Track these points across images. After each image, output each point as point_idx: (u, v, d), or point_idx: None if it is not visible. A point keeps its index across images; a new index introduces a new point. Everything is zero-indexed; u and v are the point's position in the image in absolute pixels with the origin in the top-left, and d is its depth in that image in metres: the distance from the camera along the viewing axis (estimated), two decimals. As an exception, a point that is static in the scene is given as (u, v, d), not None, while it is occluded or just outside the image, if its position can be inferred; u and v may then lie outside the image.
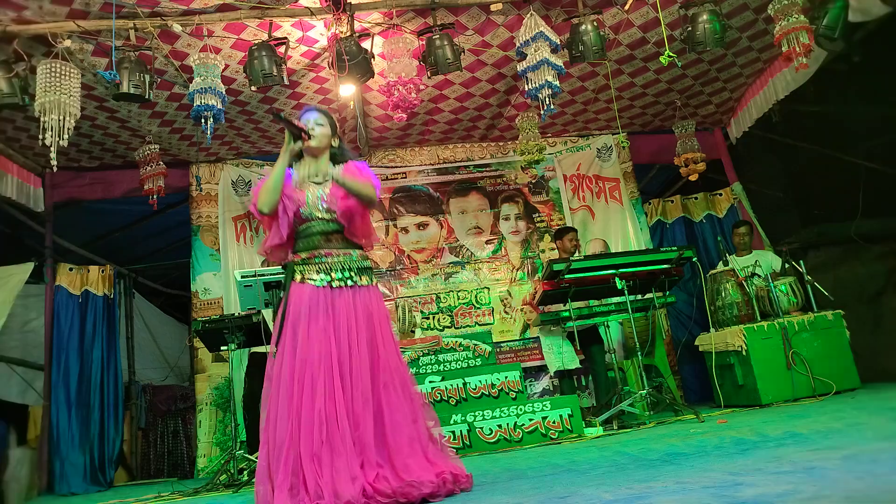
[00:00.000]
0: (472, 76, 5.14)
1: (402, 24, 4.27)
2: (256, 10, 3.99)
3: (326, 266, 2.39)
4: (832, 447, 2.02)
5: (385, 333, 2.42)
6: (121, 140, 5.31)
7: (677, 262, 4.49)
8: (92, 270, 5.63)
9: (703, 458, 2.21)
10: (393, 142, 6.21)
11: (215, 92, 3.89)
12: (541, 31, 4.00)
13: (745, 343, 4.35)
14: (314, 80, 4.90)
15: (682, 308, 5.95)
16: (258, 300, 4.03)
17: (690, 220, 6.49)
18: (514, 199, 6.36)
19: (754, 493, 1.47)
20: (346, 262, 2.41)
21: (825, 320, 4.41)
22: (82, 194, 5.75)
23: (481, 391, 4.37)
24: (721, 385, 4.63)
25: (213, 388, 5.45)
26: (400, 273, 6.05)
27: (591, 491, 1.83)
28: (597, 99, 5.78)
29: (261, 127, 5.49)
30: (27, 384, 6.42)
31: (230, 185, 5.97)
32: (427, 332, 5.74)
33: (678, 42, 4.38)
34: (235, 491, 3.43)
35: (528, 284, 6.04)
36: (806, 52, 3.83)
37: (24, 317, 6.09)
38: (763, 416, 3.57)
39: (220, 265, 5.73)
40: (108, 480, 5.19)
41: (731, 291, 4.76)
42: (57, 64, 3.68)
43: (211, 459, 5.25)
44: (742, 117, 6.07)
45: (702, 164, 5.77)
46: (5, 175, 5.04)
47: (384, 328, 2.42)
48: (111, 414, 5.39)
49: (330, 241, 2.43)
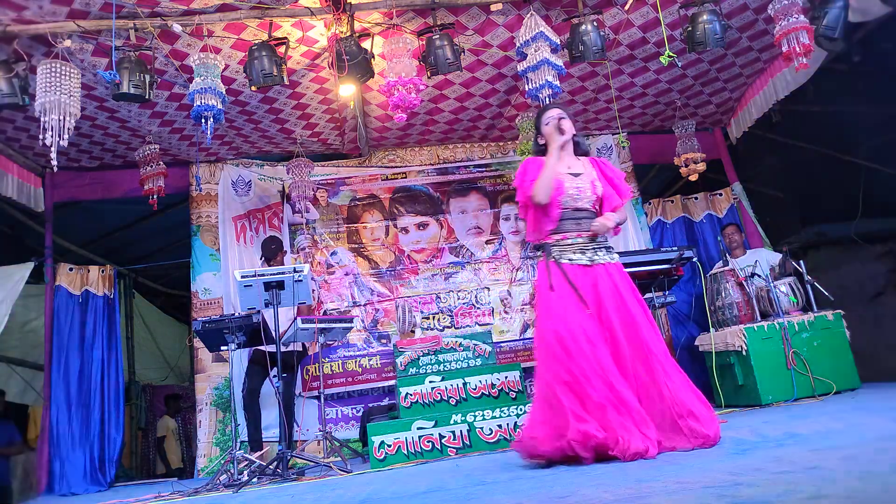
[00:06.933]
0: (472, 76, 5.14)
1: (402, 24, 4.27)
2: (256, 10, 3.99)
3: (583, 247, 2.88)
4: (832, 447, 2.02)
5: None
6: (121, 140, 5.31)
7: (677, 262, 4.49)
8: (92, 270, 5.63)
9: (703, 458, 2.21)
10: (393, 142, 6.21)
11: (215, 92, 3.89)
12: (541, 31, 4.00)
13: (745, 343, 4.35)
14: (314, 80, 4.90)
15: (682, 308, 5.95)
16: (258, 300, 4.03)
17: (690, 220, 6.48)
18: (515, 199, 6.35)
19: (754, 493, 1.47)
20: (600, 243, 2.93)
21: (825, 320, 4.41)
22: (82, 194, 5.75)
23: (481, 391, 4.37)
24: (721, 385, 4.63)
25: (213, 388, 5.45)
26: (400, 273, 6.05)
27: (591, 491, 1.83)
28: (597, 99, 5.78)
29: (261, 127, 5.49)
30: (27, 384, 6.43)
31: (230, 185, 5.97)
32: (427, 332, 5.74)
33: (678, 42, 4.38)
34: (235, 491, 3.42)
35: (527, 284, 6.04)
36: (806, 52, 3.83)
37: (24, 317, 6.10)
38: (763, 416, 3.57)
39: (220, 265, 5.73)
40: (108, 480, 5.19)
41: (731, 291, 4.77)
42: (57, 64, 3.67)
43: (211, 459, 5.26)
44: (742, 117, 6.07)
45: (702, 164, 5.76)
46: (5, 175, 5.04)
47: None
48: (111, 414, 5.38)
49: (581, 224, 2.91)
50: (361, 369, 5.74)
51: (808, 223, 6.29)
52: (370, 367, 5.75)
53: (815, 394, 4.18)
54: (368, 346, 5.81)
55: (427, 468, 3.42)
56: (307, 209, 5.90)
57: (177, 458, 8.04)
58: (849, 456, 1.82)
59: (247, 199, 6.00)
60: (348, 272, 5.99)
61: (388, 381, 5.63)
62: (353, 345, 5.79)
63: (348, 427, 5.57)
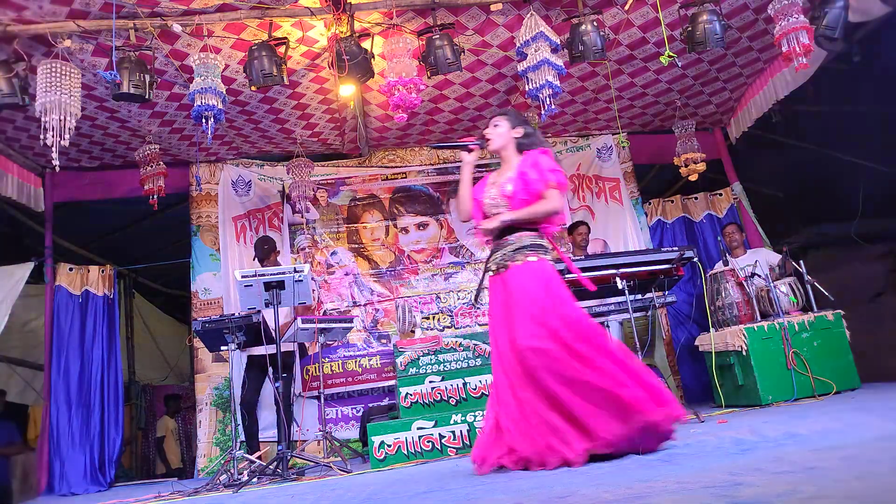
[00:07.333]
0: (472, 76, 5.14)
1: (402, 24, 4.27)
2: (256, 10, 3.99)
3: (494, 256, 2.81)
4: (832, 447, 2.02)
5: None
6: (121, 140, 5.31)
7: (677, 262, 4.48)
8: (92, 270, 5.63)
9: (702, 458, 2.21)
10: (393, 142, 6.21)
11: (215, 92, 3.89)
12: (541, 31, 4.00)
13: (745, 343, 4.35)
14: (314, 80, 4.90)
15: (682, 308, 5.95)
16: (258, 300, 4.03)
17: (690, 220, 6.49)
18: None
19: (754, 493, 1.47)
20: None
21: (825, 320, 4.41)
22: (82, 194, 5.75)
23: (481, 391, 4.37)
24: (721, 385, 4.63)
25: (213, 388, 5.46)
26: (400, 273, 6.05)
27: (591, 491, 1.83)
28: (597, 99, 5.78)
29: (261, 127, 5.49)
30: (27, 384, 6.43)
31: (230, 185, 5.97)
32: (427, 332, 5.74)
33: (678, 42, 4.38)
34: (235, 491, 3.42)
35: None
36: (806, 52, 3.83)
37: (24, 317, 6.10)
38: (763, 416, 3.57)
39: (220, 265, 5.73)
40: (108, 480, 5.19)
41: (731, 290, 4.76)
42: (57, 64, 3.68)
43: (211, 459, 5.26)
44: (742, 117, 6.07)
45: (702, 164, 5.76)
46: (5, 175, 5.04)
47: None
48: (111, 414, 5.38)
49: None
50: (361, 369, 5.74)
51: (808, 223, 6.28)
52: (370, 367, 5.75)
53: (815, 394, 4.18)
54: (368, 346, 5.81)
55: (427, 468, 3.42)
56: (307, 209, 5.91)
57: (177, 458, 8.04)
58: (849, 456, 1.82)
59: (247, 199, 5.99)
60: (348, 272, 5.99)
61: (388, 381, 5.63)
62: (353, 345, 5.79)
63: (348, 427, 5.57)
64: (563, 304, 2.60)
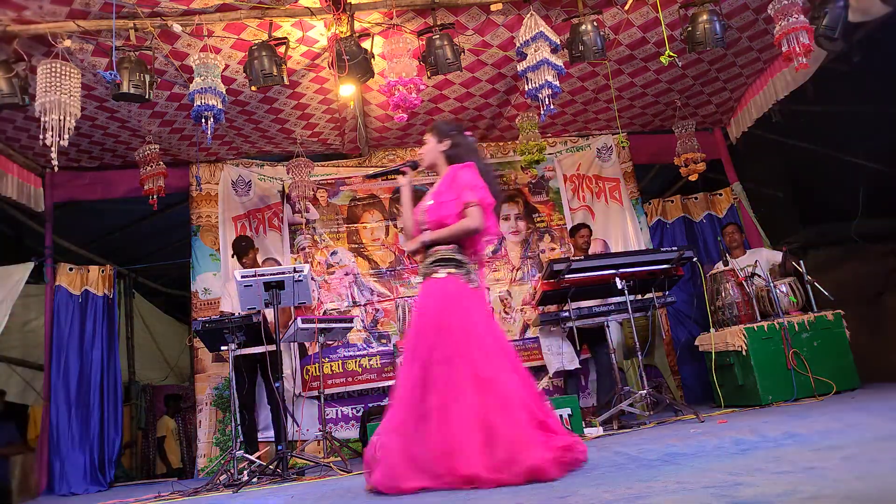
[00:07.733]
0: (472, 76, 5.14)
1: (402, 24, 4.27)
2: (256, 10, 3.99)
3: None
4: (832, 447, 2.02)
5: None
6: (121, 140, 5.31)
7: (677, 262, 4.49)
8: (92, 270, 5.63)
9: (702, 458, 2.21)
10: (393, 142, 6.21)
11: (215, 92, 3.89)
12: (541, 31, 4.00)
13: (745, 343, 4.35)
14: (314, 80, 4.90)
15: (682, 308, 5.95)
16: (258, 300, 4.03)
17: (690, 220, 6.49)
18: (514, 198, 6.36)
19: (754, 493, 1.47)
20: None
21: (825, 320, 4.41)
22: (82, 194, 5.75)
23: (481, 391, 4.36)
24: (721, 385, 4.63)
25: (213, 388, 5.45)
26: (400, 273, 6.04)
27: (591, 491, 1.83)
28: (597, 99, 5.78)
29: (261, 127, 5.49)
30: (27, 384, 6.43)
31: (230, 185, 5.97)
32: (427, 332, 5.73)
33: (678, 42, 4.38)
34: (235, 491, 3.42)
35: (527, 284, 6.04)
36: (806, 52, 3.83)
37: (24, 317, 6.10)
38: (763, 416, 3.57)
39: (220, 265, 5.73)
40: (107, 480, 5.19)
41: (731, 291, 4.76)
42: (57, 64, 3.67)
43: (211, 459, 5.25)
44: (742, 117, 6.07)
45: (702, 164, 5.76)
46: (5, 175, 5.04)
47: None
48: (111, 414, 5.38)
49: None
50: (361, 369, 5.74)
51: (808, 223, 6.29)
52: (370, 367, 5.75)
53: (815, 394, 4.18)
54: (368, 346, 5.81)
55: (427, 468, 3.41)
56: (307, 209, 5.91)
57: (177, 458, 8.03)
58: (849, 456, 1.82)
59: (247, 199, 6.00)
60: (348, 272, 5.98)
61: (388, 381, 5.62)
62: (353, 345, 5.79)
63: (348, 427, 5.57)
64: (452, 328, 2.48)
